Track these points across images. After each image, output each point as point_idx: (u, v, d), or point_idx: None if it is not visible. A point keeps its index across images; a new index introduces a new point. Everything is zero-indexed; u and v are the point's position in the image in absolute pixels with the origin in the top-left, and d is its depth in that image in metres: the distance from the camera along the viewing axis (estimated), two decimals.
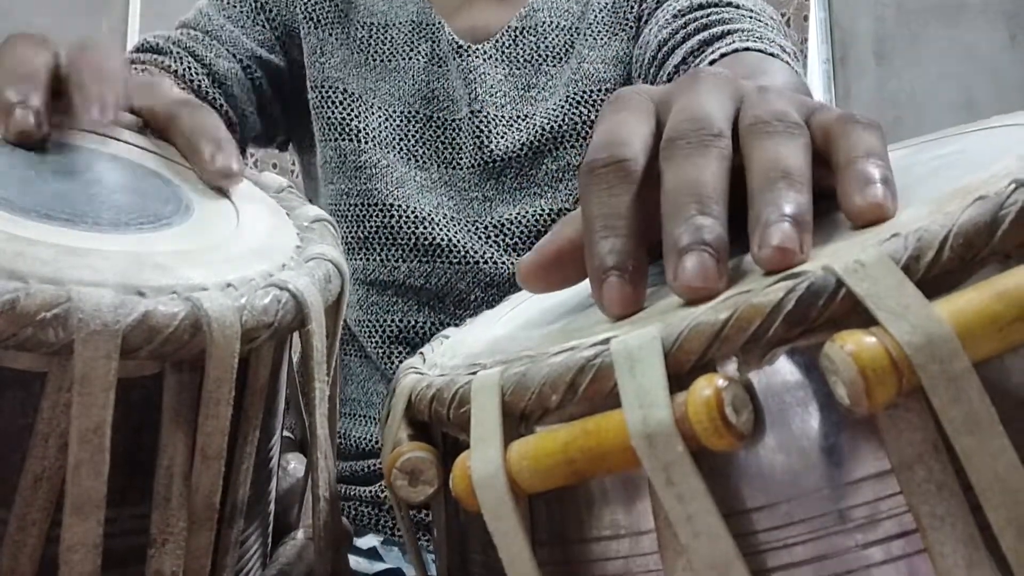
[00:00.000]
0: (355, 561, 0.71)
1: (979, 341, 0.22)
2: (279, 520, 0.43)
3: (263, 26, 0.85)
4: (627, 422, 0.24)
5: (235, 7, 0.85)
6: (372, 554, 0.74)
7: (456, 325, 0.45)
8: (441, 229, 0.80)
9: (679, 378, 0.25)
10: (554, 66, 0.84)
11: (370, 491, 0.79)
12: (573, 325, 0.32)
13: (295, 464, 0.45)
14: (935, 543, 0.22)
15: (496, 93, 0.82)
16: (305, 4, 0.85)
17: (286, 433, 0.43)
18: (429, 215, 0.80)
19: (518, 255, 0.80)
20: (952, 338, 0.22)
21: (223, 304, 0.31)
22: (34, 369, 0.29)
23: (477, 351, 0.35)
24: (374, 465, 0.79)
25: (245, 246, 0.36)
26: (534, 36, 0.84)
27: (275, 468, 0.41)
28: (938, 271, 0.24)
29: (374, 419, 0.82)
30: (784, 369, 0.25)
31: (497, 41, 0.84)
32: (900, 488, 0.23)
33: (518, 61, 0.84)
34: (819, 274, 0.24)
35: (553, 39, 0.84)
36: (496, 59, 0.83)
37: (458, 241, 0.79)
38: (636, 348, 0.25)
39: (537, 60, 0.84)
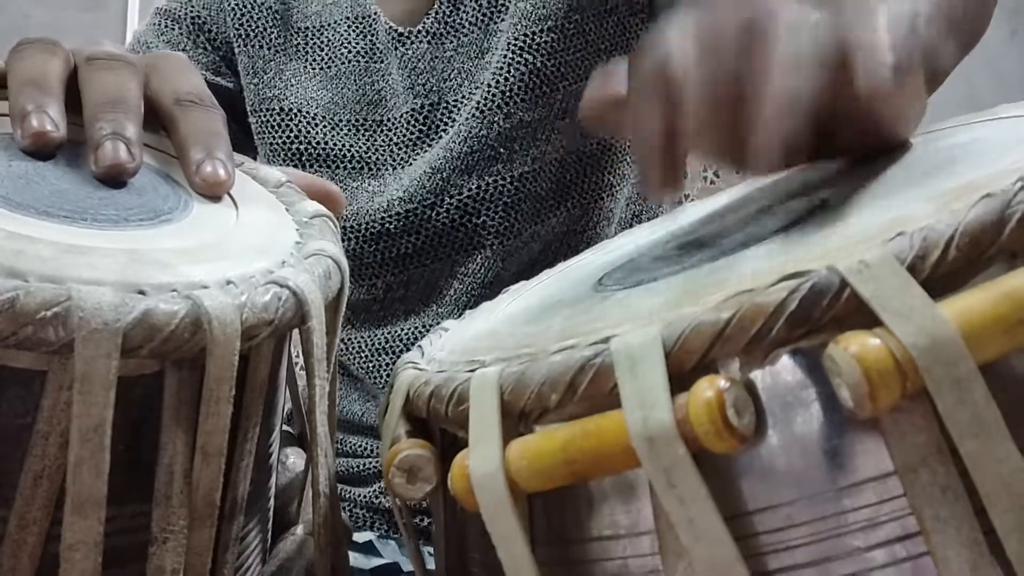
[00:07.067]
0: (352, 557, 0.71)
1: (985, 343, 0.22)
2: (279, 515, 0.42)
3: (204, 48, 0.79)
4: (627, 423, 0.24)
5: (173, 30, 0.78)
6: (368, 549, 0.73)
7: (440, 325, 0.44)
8: (399, 237, 0.74)
9: (680, 378, 0.24)
10: (503, 20, 0.73)
11: (364, 494, 0.78)
12: (573, 321, 0.31)
13: (294, 459, 0.45)
14: (939, 546, 0.22)
15: (450, 75, 0.74)
16: (236, 17, 0.78)
17: (285, 428, 0.43)
18: (384, 226, 0.74)
19: (486, 232, 0.74)
20: (957, 340, 0.22)
21: (223, 302, 0.30)
22: (34, 368, 0.29)
23: (476, 346, 0.35)
24: (368, 465, 0.79)
25: (245, 243, 0.36)
26: None
27: (275, 464, 0.41)
28: (944, 270, 0.23)
29: (365, 427, 0.81)
30: (787, 370, 0.25)
31: (437, 12, 0.75)
32: (904, 491, 0.23)
33: (464, 27, 0.74)
34: (823, 274, 0.24)
35: None
36: (441, 34, 0.74)
37: (422, 244, 0.74)
38: (637, 347, 0.25)
39: (483, 19, 0.74)
